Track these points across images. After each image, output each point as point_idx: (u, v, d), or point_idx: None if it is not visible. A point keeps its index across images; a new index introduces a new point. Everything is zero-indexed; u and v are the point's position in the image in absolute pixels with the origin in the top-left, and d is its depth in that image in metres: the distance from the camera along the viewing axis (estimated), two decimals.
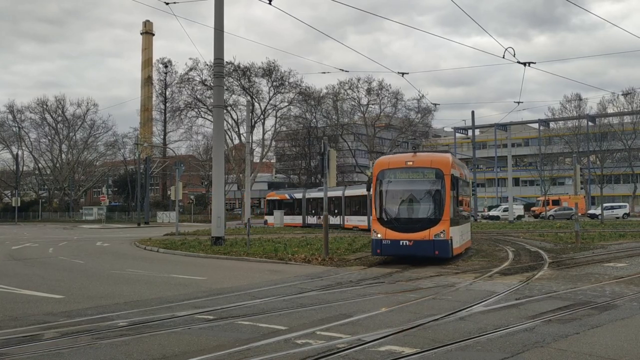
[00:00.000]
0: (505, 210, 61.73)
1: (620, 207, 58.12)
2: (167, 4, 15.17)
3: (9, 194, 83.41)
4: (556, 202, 62.08)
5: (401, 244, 16.66)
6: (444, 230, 16.62)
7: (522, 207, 63.13)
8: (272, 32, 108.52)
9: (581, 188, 54.17)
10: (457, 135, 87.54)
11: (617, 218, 54.06)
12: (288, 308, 10.06)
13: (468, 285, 12.98)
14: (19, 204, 68.94)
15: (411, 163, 17.50)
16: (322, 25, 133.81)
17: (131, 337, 7.81)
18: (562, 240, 26.70)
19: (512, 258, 19.01)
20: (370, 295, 11.63)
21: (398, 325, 8.52)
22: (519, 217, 57.07)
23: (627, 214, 56.96)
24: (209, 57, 51.22)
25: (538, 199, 68.87)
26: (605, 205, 52.86)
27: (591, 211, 57.59)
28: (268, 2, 13.73)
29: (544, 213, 59.23)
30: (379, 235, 17.11)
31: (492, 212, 62.00)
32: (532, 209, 65.70)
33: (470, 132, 68.04)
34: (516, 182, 79.99)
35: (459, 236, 18.40)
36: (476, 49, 45.05)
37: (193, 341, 7.65)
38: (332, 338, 7.71)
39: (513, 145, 75.62)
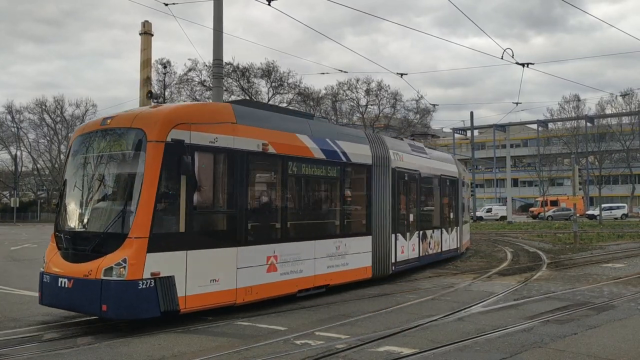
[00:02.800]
0: (489, 210, 61.70)
1: (618, 207, 58.19)
2: (166, 4, 15.18)
3: (8, 194, 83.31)
4: (554, 203, 62.11)
5: (60, 284, 8.48)
6: (125, 259, 8.02)
7: (504, 207, 63.01)
8: (270, 32, 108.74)
9: (580, 189, 54.27)
10: (456, 135, 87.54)
11: (616, 219, 54.12)
12: (288, 308, 10.11)
13: (467, 286, 13.02)
14: (17, 205, 68.84)
15: (108, 122, 9.26)
16: (319, 26, 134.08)
17: (130, 338, 7.83)
18: (560, 241, 26.75)
19: (511, 259, 19.05)
20: (369, 295, 11.66)
21: (397, 325, 8.55)
22: (502, 218, 57.01)
23: (626, 215, 57.03)
24: (208, 58, 51.21)
25: (536, 199, 68.88)
26: (603, 205, 52.91)
27: (590, 212, 57.62)
28: (267, 3, 13.75)
29: (542, 213, 59.21)
30: (43, 267, 9.20)
31: (477, 213, 61.83)
32: (531, 209, 65.69)
33: (469, 133, 68.11)
34: (515, 182, 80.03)
35: (281, 268, 10.35)
36: (474, 49, 45.15)
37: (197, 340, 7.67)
38: (331, 339, 7.74)
39: (512, 146, 75.83)
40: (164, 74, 58.06)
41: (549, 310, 9.79)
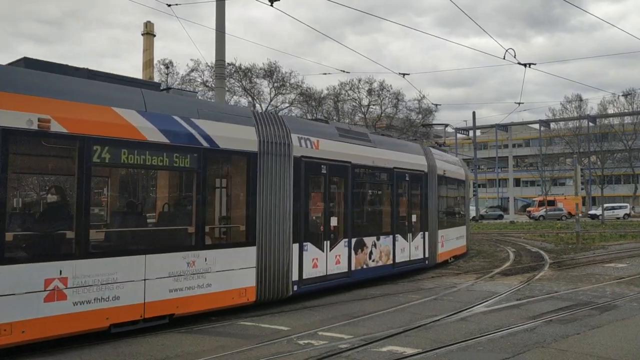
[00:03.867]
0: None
1: (620, 207, 58.12)
2: (169, 5, 15.23)
3: None
4: (551, 203, 62.02)
5: None
6: None
7: (485, 208, 62.98)
8: (271, 33, 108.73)
9: (582, 188, 54.20)
10: (458, 135, 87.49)
11: (618, 218, 54.05)
12: (289, 308, 10.12)
13: (469, 286, 13.03)
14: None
15: None
16: (320, 27, 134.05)
17: (134, 338, 7.86)
18: (563, 240, 26.73)
19: (513, 259, 19.05)
20: (371, 296, 11.67)
21: (400, 325, 8.57)
22: (481, 216, 56.93)
23: (628, 215, 56.95)
24: (210, 58, 51.25)
25: (533, 199, 68.83)
26: (605, 205, 52.81)
27: (592, 211, 57.52)
28: (270, 3, 13.79)
29: (534, 213, 59.15)
30: None
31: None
32: (528, 209, 65.54)
33: (471, 133, 68.03)
34: (517, 182, 79.91)
35: None
36: (475, 49, 45.05)
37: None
38: (335, 339, 7.76)
39: (514, 145, 75.60)
40: (167, 74, 58.06)
41: (552, 310, 9.80)
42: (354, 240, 12.45)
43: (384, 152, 14.00)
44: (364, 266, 12.80)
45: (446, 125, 28.13)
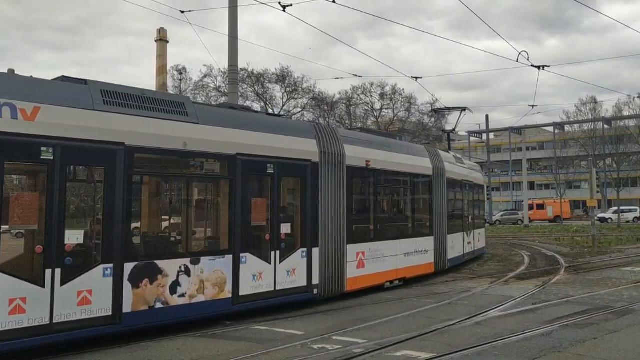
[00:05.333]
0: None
1: (630, 210, 57.63)
2: (182, 12, 15.38)
3: None
4: (541, 207, 61.50)
5: None
6: None
7: (501, 213, 62.57)
8: (283, 38, 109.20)
9: (597, 191, 53.70)
10: (472, 139, 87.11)
11: (628, 221, 53.52)
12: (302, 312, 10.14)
13: (484, 290, 12.95)
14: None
15: None
16: (332, 31, 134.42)
17: (149, 343, 7.91)
18: (578, 244, 26.49)
19: (528, 262, 18.90)
20: (385, 300, 11.64)
21: (414, 330, 8.54)
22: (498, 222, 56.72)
23: (638, 218, 56.38)
24: (223, 64, 51.55)
25: (523, 203, 68.33)
26: (614, 208, 52.32)
27: (601, 214, 56.92)
28: (282, 9, 13.87)
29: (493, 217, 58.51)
30: None
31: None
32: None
33: (484, 136, 67.70)
34: (531, 185, 79.30)
35: None
36: (488, 52, 44.91)
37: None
38: (349, 343, 7.75)
39: (528, 148, 75.23)
40: (180, 80, 58.48)
41: (568, 315, 9.71)
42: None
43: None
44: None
45: (464, 109, 23.02)
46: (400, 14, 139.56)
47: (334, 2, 13.39)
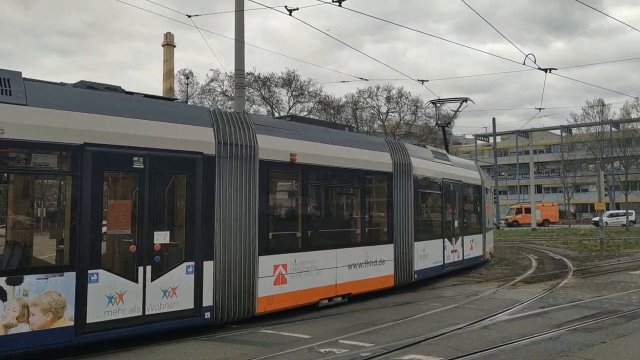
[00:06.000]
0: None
1: (624, 214, 57.63)
2: (189, 16, 15.45)
3: None
4: (528, 210, 61.32)
5: None
6: None
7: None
8: (288, 42, 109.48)
9: (605, 195, 53.44)
10: (478, 142, 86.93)
11: (623, 225, 53.42)
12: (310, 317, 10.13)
13: (491, 294, 12.89)
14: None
15: None
16: (338, 35, 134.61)
17: (156, 346, 7.92)
18: (586, 248, 26.35)
19: (536, 266, 18.81)
20: (392, 304, 11.62)
21: (421, 333, 8.51)
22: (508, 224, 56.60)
23: (633, 222, 56.19)
24: (229, 68, 51.78)
25: (511, 206, 68.02)
26: (609, 212, 52.15)
27: (596, 218, 56.75)
28: (288, 13, 13.92)
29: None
30: None
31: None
32: (506, 217, 64.53)
33: (491, 139, 67.55)
34: (539, 189, 79.03)
35: None
36: (494, 55, 44.90)
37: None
38: (356, 347, 7.74)
39: (535, 151, 74.79)
40: (187, 84, 58.75)
41: (576, 319, 9.65)
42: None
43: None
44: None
45: (465, 100, 20.55)
46: (406, 17, 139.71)
47: (339, 4, 13.41)
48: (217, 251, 8.86)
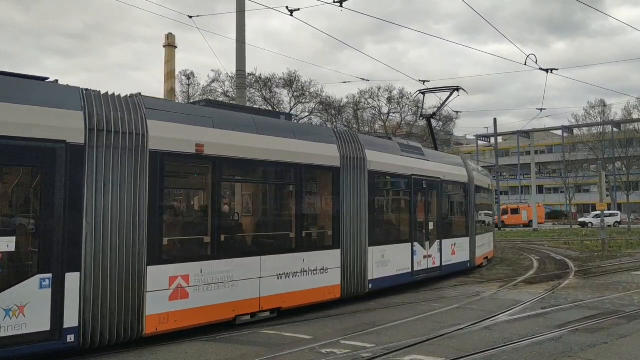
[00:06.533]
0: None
1: (611, 215, 57.97)
2: (190, 17, 15.46)
3: None
4: (515, 211, 61.24)
5: None
6: None
7: None
8: (290, 43, 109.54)
9: (607, 195, 53.41)
10: (480, 142, 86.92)
11: (609, 226, 53.70)
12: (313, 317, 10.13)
13: (493, 295, 12.88)
14: None
15: None
16: (339, 36, 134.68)
17: (157, 347, 7.92)
18: (588, 248, 26.34)
19: (537, 267, 18.79)
20: (394, 304, 11.61)
21: (422, 334, 8.50)
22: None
23: (619, 222, 56.41)
24: (231, 69, 51.79)
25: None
26: (594, 213, 52.40)
27: (582, 219, 56.94)
28: (290, 13, 13.92)
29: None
30: None
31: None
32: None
33: (492, 140, 67.51)
34: (540, 189, 78.96)
35: None
36: (496, 55, 44.84)
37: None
38: (357, 347, 7.73)
39: (536, 152, 74.86)
40: (188, 85, 58.81)
41: (578, 319, 9.64)
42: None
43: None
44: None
45: (457, 89, 18.31)
46: (407, 18, 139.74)
47: (340, 5, 13.42)
48: (87, 260, 7.30)
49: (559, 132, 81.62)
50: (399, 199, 14.25)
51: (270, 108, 51.62)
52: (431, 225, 14.84)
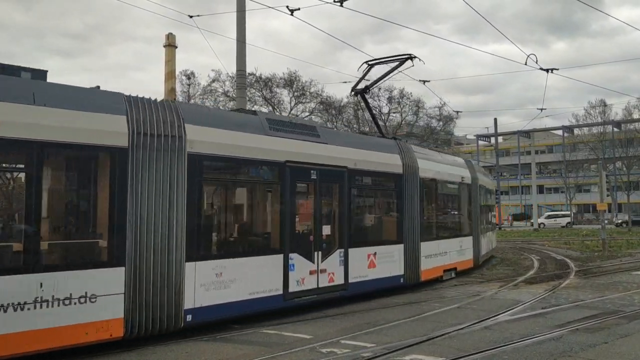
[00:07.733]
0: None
1: (563, 215, 58.39)
2: (190, 17, 15.46)
3: None
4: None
5: None
6: None
7: None
8: (290, 43, 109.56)
9: (607, 195, 53.40)
10: (480, 142, 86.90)
11: (563, 227, 54.04)
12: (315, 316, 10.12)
13: (493, 294, 12.88)
14: None
15: None
16: (339, 35, 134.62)
17: (158, 347, 7.92)
18: (588, 248, 26.32)
19: (538, 266, 18.79)
20: (394, 304, 11.60)
21: (423, 334, 8.50)
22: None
23: (570, 223, 56.77)
24: (231, 69, 51.76)
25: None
26: (547, 214, 52.65)
27: (540, 220, 57.20)
28: (290, 13, 13.92)
29: None
30: None
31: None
32: None
33: (492, 140, 67.49)
34: (540, 189, 78.94)
35: None
36: (496, 55, 44.81)
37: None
38: (357, 347, 7.73)
39: (537, 152, 74.80)
40: (188, 85, 58.74)
41: (578, 319, 9.63)
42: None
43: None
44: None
45: (410, 57, 15.09)
46: (407, 18, 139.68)
47: (341, 5, 13.40)
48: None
49: (559, 132, 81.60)
50: (260, 193, 10.82)
51: (270, 108, 51.63)
52: (326, 230, 11.24)
